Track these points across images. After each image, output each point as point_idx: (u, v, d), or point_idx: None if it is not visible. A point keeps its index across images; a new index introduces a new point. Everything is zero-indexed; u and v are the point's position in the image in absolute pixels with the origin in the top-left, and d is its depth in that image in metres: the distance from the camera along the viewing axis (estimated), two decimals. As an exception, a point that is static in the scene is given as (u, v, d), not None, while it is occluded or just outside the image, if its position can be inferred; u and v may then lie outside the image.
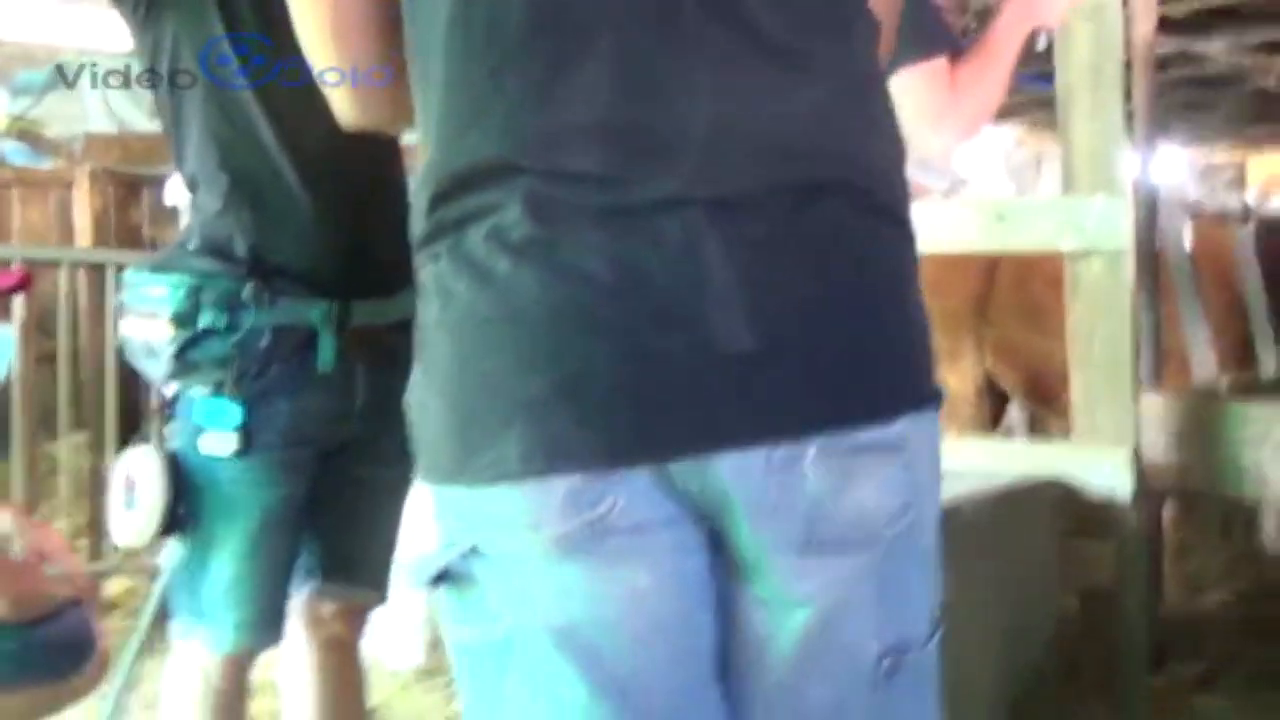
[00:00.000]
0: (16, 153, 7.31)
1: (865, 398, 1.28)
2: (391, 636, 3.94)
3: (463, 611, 1.33)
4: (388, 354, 2.27)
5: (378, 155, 2.30)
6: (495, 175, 1.26)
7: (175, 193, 2.65)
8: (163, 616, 2.93)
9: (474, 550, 1.30)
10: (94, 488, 4.86)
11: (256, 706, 2.58)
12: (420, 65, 1.33)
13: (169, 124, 2.28)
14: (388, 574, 2.50)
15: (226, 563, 2.22)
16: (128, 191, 7.14)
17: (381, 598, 2.52)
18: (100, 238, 6.80)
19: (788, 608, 1.31)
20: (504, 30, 1.27)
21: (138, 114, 7.60)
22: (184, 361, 2.16)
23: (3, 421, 4.77)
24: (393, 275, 2.29)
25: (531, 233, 1.24)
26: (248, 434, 2.17)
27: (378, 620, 2.67)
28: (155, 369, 2.20)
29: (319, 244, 2.22)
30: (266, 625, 2.30)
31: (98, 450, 4.98)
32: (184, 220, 2.41)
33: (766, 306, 1.24)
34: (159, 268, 2.22)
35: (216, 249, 2.19)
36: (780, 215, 1.25)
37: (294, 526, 2.30)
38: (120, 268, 4.80)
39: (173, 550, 2.37)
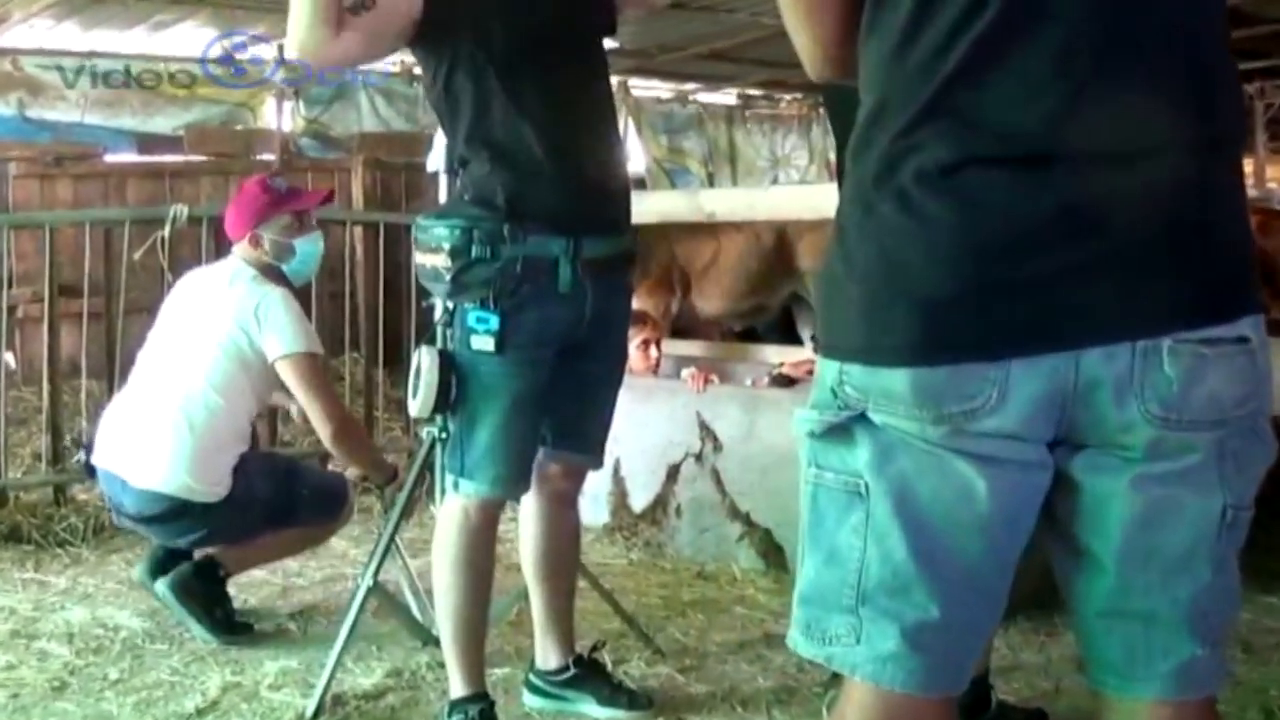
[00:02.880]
0: (310, 147, 7.51)
1: (1216, 300, 1.23)
2: (585, 503, 4.05)
3: (832, 459, 1.31)
4: (609, 279, 2.41)
5: (603, 131, 2.43)
6: (927, 122, 1.23)
7: (434, 161, 2.74)
8: (420, 483, 3.10)
9: (862, 416, 1.27)
10: (367, 391, 5.07)
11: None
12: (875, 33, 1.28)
13: (445, 116, 2.39)
14: (603, 444, 2.59)
15: (486, 433, 2.34)
16: (389, 174, 7.36)
17: (597, 462, 2.62)
18: (370, 208, 7.00)
19: (1145, 469, 1.25)
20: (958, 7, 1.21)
21: (397, 117, 7.77)
22: (459, 283, 2.29)
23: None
24: (613, 219, 2.43)
25: (950, 167, 1.21)
26: (503, 337, 2.28)
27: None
28: (439, 289, 2.35)
29: (559, 196, 2.31)
30: (516, 480, 2.42)
31: (370, 364, 5.15)
32: (442, 186, 2.52)
33: (1133, 232, 1.19)
34: (441, 215, 2.34)
35: (483, 200, 2.31)
36: (1146, 164, 1.20)
37: (537, 407, 2.39)
38: (386, 226, 5.00)
39: (434, 428, 2.51)
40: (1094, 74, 1.20)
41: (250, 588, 3.54)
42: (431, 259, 2.31)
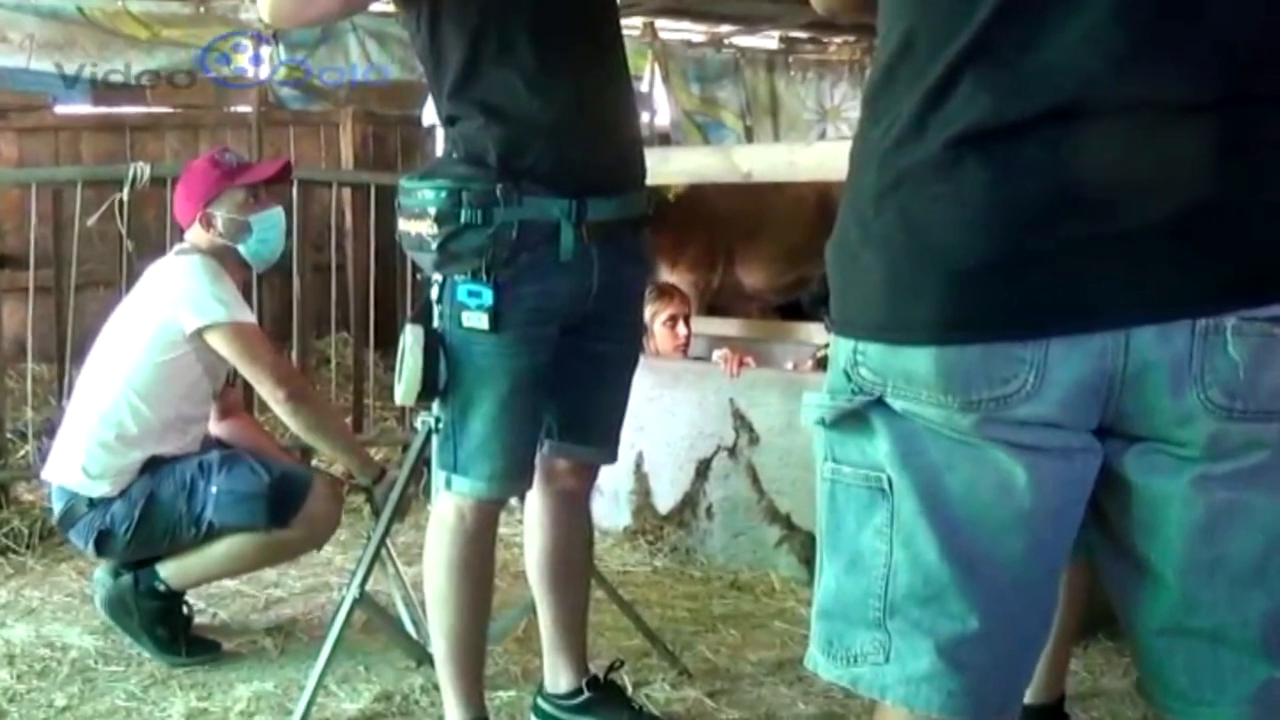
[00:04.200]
0: (292, 98, 7.51)
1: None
2: (603, 502, 4.06)
3: (848, 451, 1.31)
4: (619, 245, 2.40)
5: (609, 78, 2.42)
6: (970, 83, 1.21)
7: (430, 115, 2.74)
8: (415, 479, 3.10)
9: (879, 401, 1.26)
10: (357, 376, 5.08)
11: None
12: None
13: (430, 68, 2.38)
14: (616, 436, 2.59)
15: (480, 423, 2.33)
16: (383, 129, 7.35)
17: (610, 456, 2.61)
18: (361, 167, 7.01)
19: (1206, 469, 1.24)
20: None
21: (392, 64, 7.75)
22: (448, 252, 2.28)
23: (283, 322, 4.98)
24: (622, 177, 2.41)
25: (993, 132, 1.20)
26: (498, 312, 2.27)
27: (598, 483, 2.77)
28: (425, 259, 2.34)
29: (559, 152, 2.30)
30: (514, 476, 2.41)
31: (360, 345, 5.16)
32: (439, 141, 2.51)
33: (1194, 192, 1.18)
34: (426, 175, 2.33)
35: (473, 159, 2.29)
36: (1212, 118, 1.19)
37: (538, 393, 2.39)
38: (379, 188, 4.99)
39: (430, 416, 2.50)
40: (1158, 14, 1.18)
41: (221, 600, 3.55)
42: (416, 225, 2.30)
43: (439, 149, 2.58)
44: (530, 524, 2.64)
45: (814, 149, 4.78)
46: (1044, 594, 1.30)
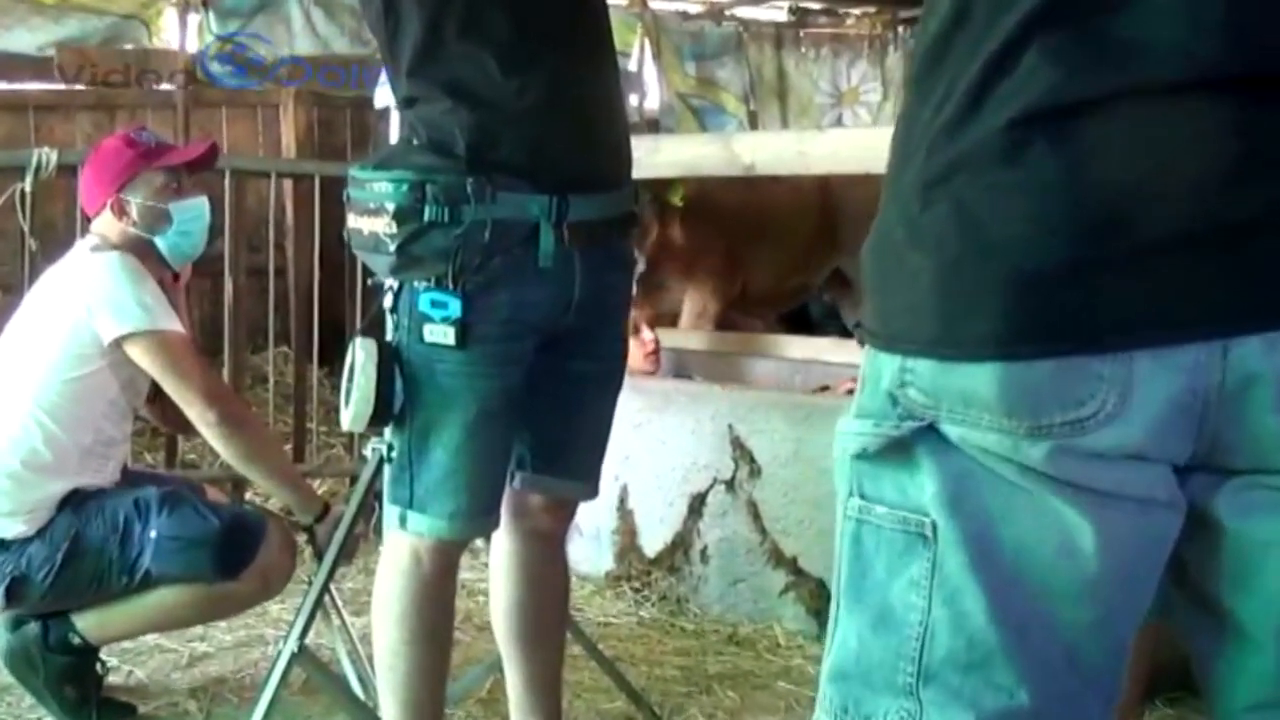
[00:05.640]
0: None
1: None
2: (582, 544, 4.06)
3: (882, 488, 1.28)
4: (604, 249, 2.41)
5: (593, 58, 2.43)
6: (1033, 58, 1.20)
7: (384, 95, 2.73)
8: (364, 517, 3.10)
9: (930, 429, 1.24)
10: (298, 397, 5.08)
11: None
12: None
13: (384, 42, 2.37)
14: (598, 468, 2.60)
15: (443, 452, 2.33)
16: (331, 111, 7.36)
17: (590, 491, 2.62)
18: (304, 155, 6.98)
19: None
20: None
21: (340, 36, 7.76)
22: (408, 255, 2.26)
23: (213, 333, 4.98)
24: (609, 171, 2.43)
25: (1067, 109, 1.18)
26: (465, 326, 2.27)
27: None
28: (380, 263, 2.32)
29: (537, 142, 2.30)
30: (480, 514, 2.41)
31: (302, 361, 5.15)
32: (393, 125, 2.50)
33: None
34: (383, 164, 2.32)
35: (438, 146, 2.29)
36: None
37: (510, 419, 2.39)
38: (325, 179, 5.00)
39: (382, 444, 2.50)
40: None
41: (137, 656, 3.54)
42: (370, 223, 2.28)
43: (393, 135, 2.58)
44: (496, 569, 2.64)
45: (827, 137, 4.80)
46: (1108, 670, 1.28)
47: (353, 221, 2.33)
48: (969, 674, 1.24)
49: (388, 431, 2.41)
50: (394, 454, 2.39)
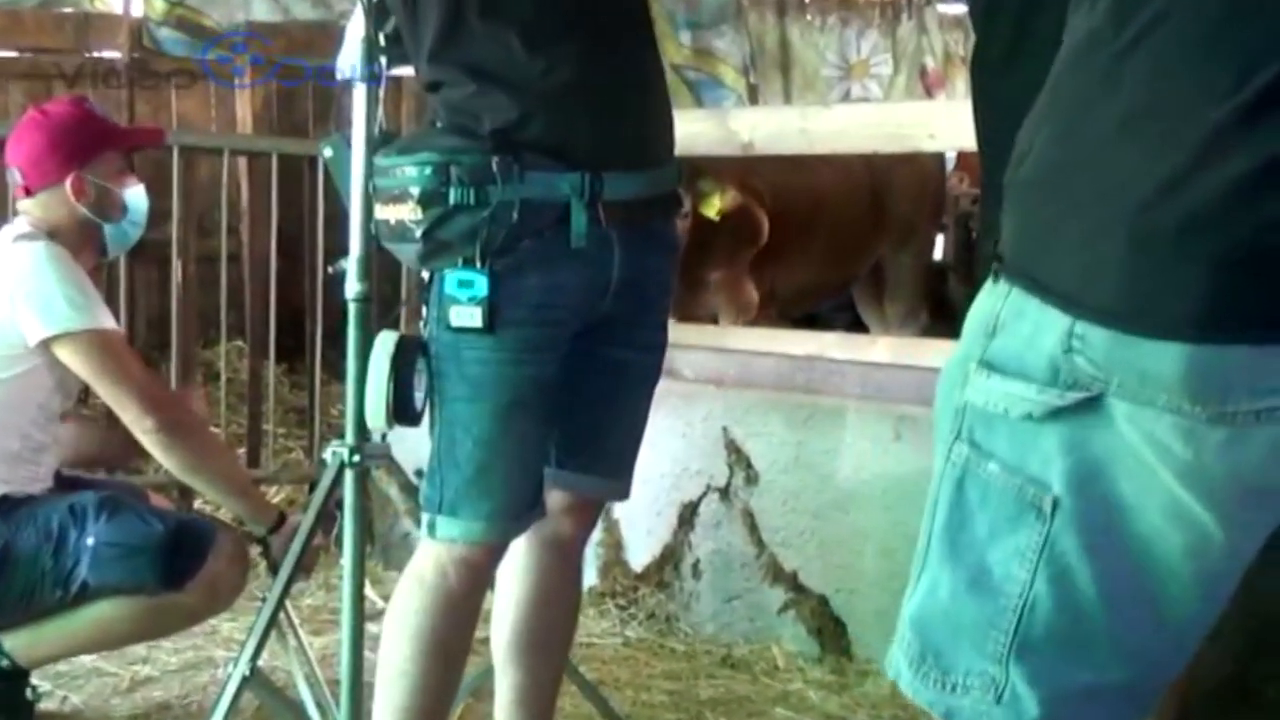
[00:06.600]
0: (174, 42, 7.49)
1: None
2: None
3: (1007, 447, 1.32)
4: (645, 231, 2.44)
5: (625, 27, 2.46)
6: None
7: (346, 63, 2.72)
8: (324, 527, 3.09)
9: (1096, 400, 1.27)
10: (253, 395, 5.08)
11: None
12: None
13: (404, 24, 2.41)
14: (631, 466, 2.61)
15: (473, 447, 2.34)
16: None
17: (621, 491, 2.64)
18: (261, 131, 7.01)
19: None
20: None
21: (302, 1, 7.74)
22: (435, 240, 2.30)
23: (160, 326, 4.97)
24: (647, 148, 2.45)
25: None
26: (494, 307, 2.29)
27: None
28: (409, 252, 2.36)
29: (567, 117, 2.33)
30: (516, 514, 2.42)
31: (257, 356, 5.16)
32: (357, 101, 2.51)
33: None
34: (406, 149, 2.35)
35: (462, 128, 2.32)
36: None
37: (545, 411, 2.40)
38: (285, 157, 4.99)
39: (343, 448, 2.50)
40: None
41: (73, 679, 3.53)
42: (395, 211, 2.32)
43: (356, 110, 2.58)
44: (506, 573, 2.64)
45: (834, 113, 4.80)
46: (1193, 647, 1.35)
47: (379, 212, 2.36)
48: (1067, 651, 1.30)
49: (383, 429, 2.43)
50: (430, 456, 2.40)
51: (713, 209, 4.63)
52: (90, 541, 3.02)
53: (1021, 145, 1.37)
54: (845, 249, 5.37)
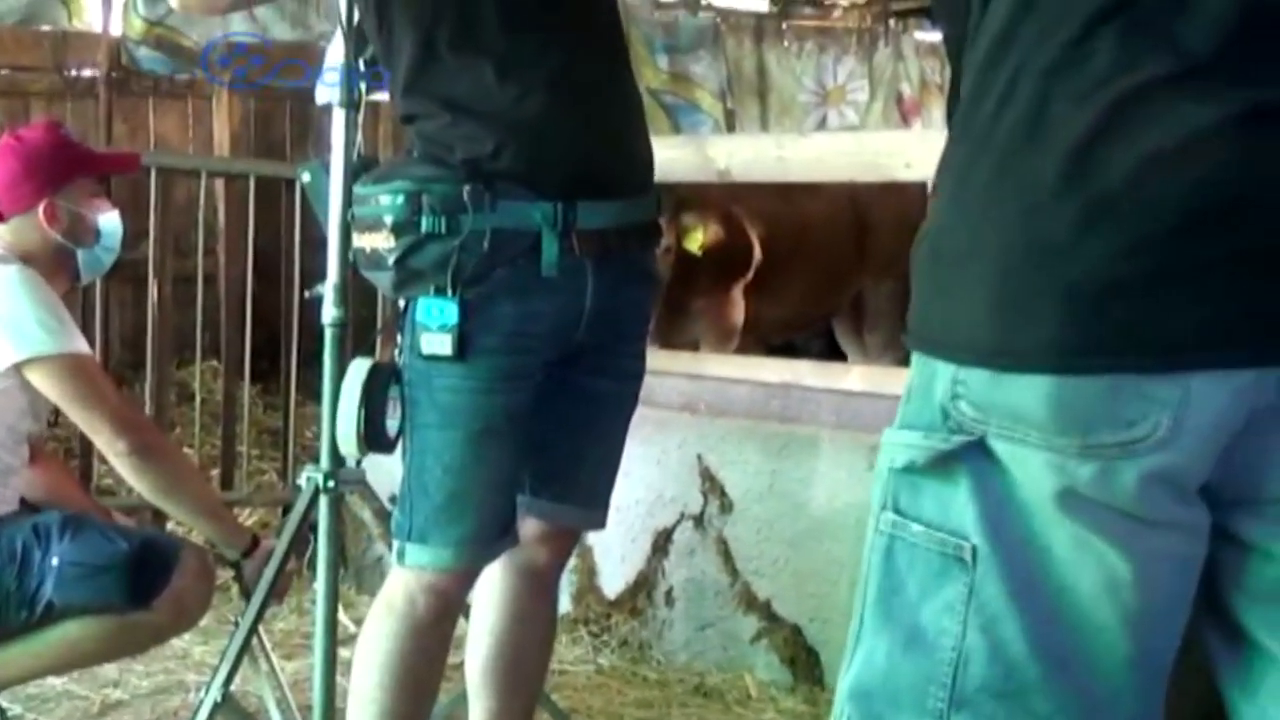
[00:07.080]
0: (152, 61, 7.47)
1: None
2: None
3: (922, 505, 1.33)
4: (622, 260, 2.44)
5: (601, 54, 2.48)
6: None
7: (325, 90, 2.73)
8: (298, 551, 3.09)
9: (978, 444, 1.28)
10: (227, 417, 5.06)
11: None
12: None
13: (381, 56, 2.44)
14: (606, 495, 2.61)
15: (443, 474, 2.35)
16: (269, 104, 7.35)
17: (597, 521, 2.64)
18: (239, 152, 6.98)
19: None
20: None
21: (280, 21, 7.73)
22: (407, 268, 2.33)
23: (135, 346, 4.95)
24: (622, 176, 2.46)
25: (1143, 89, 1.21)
26: (465, 335, 2.30)
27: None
28: (384, 280, 2.39)
29: (539, 149, 2.34)
30: (487, 540, 2.42)
31: (232, 378, 5.11)
32: (336, 124, 2.53)
33: None
34: (381, 178, 2.39)
35: (437, 157, 2.35)
36: None
37: (518, 440, 2.40)
38: (261, 179, 4.98)
39: (318, 473, 2.49)
40: None
41: (43, 703, 3.52)
42: (370, 239, 2.34)
43: (334, 134, 2.59)
44: (481, 600, 2.64)
45: (811, 141, 4.83)
46: (1147, 702, 1.33)
47: (356, 240, 2.39)
48: (1004, 702, 1.29)
49: (357, 454, 2.44)
50: (401, 482, 2.40)
51: (695, 243, 4.64)
52: (55, 561, 3.00)
53: (924, 222, 1.39)
54: (829, 281, 5.39)
